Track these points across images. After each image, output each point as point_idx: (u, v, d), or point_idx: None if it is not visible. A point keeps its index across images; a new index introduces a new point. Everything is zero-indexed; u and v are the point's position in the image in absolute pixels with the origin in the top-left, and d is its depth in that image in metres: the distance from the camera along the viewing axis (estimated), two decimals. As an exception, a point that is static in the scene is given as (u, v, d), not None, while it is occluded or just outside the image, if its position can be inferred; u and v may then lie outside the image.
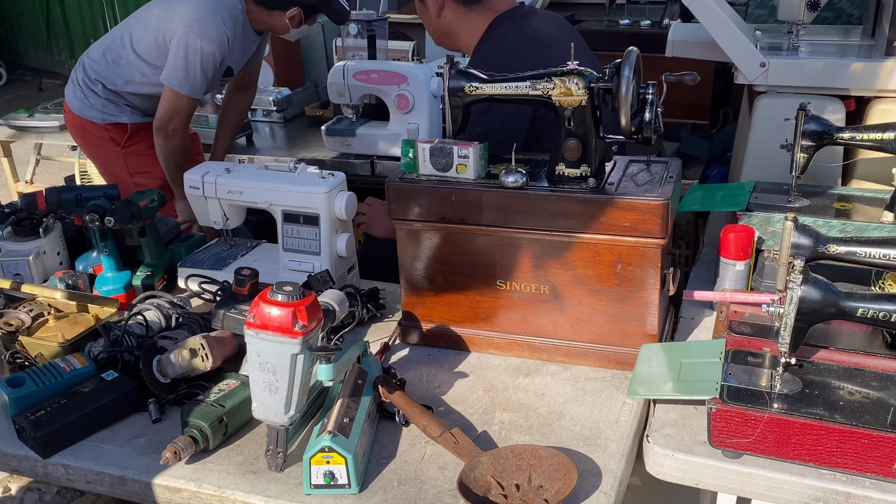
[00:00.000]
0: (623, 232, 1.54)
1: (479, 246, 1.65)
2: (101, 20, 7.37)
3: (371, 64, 2.96)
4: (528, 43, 2.04)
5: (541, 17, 2.16)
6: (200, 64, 2.52)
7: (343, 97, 2.96)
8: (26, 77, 7.98)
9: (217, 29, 2.52)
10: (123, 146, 2.74)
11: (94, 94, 2.71)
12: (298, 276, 1.90)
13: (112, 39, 2.71)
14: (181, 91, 2.53)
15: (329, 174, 1.90)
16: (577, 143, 1.57)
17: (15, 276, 1.97)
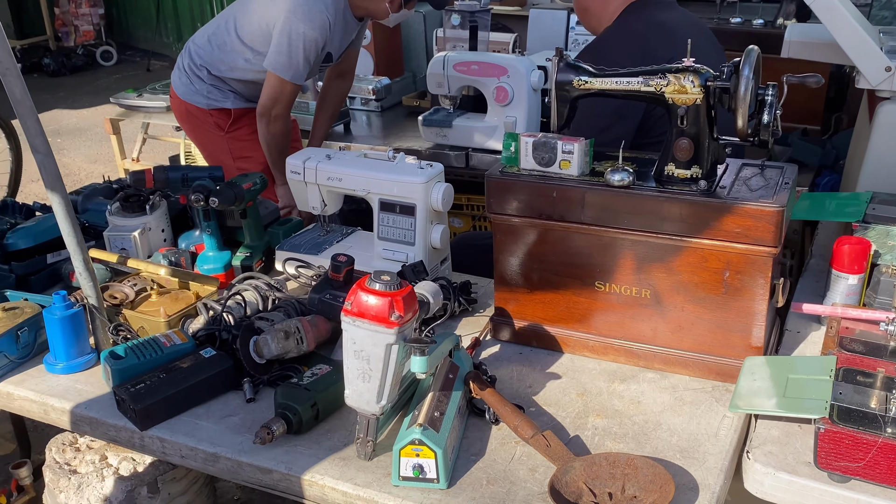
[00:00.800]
0: (733, 238, 1.47)
1: (579, 245, 1.61)
2: (209, 4, 7.58)
3: (471, 55, 2.94)
4: (657, 33, 1.99)
5: (676, 10, 2.11)
6: (303, 49, 2.54)
7: (442, 88, 2.95)
8: (135, 58, 8.27)
9: (319, 14, 2.53)
10: (227, 131, 2.79)
11: (199, 80, 2.77)
12: (392, 265, 1.90)
13: (217, 25, 2.76)
14: (284, 76, 2.56)
15: (427, 165, 1.89)
16: (689, 142, 1.51)
17: (121, 250, 2.03)
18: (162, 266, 1.84)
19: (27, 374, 1.67)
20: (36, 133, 1.51)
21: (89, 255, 1.64)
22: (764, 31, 3.09)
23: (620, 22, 2.06)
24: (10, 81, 1.45)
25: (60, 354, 1.66)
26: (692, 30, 2.10)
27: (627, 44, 1.96)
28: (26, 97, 1.48)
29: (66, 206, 1.57)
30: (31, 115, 1.49)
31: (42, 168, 1.54)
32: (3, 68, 1.44)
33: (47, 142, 1.53)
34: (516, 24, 3.68)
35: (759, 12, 3.22)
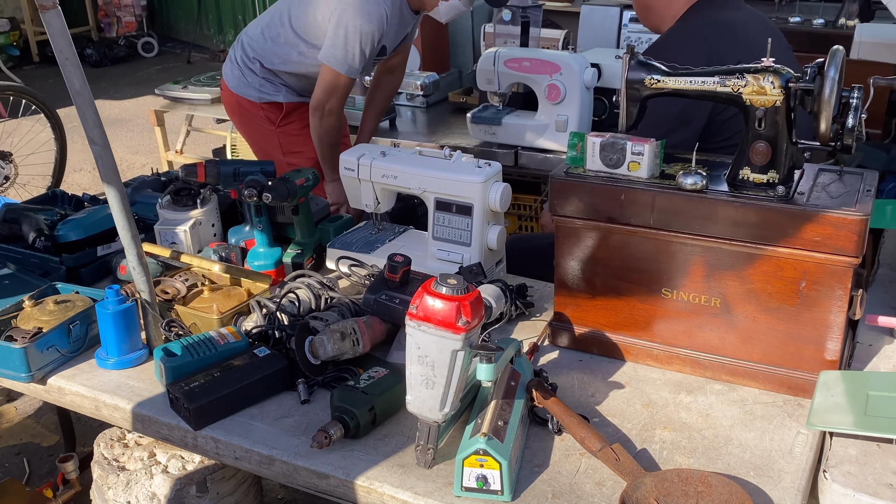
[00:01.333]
0: (812, 247, 1.41)
1: (647, 250, 1.55)
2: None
3: (523, 51, 2.89)
4: (722, 34, 1.92)
5: (742, 10, 2.03)
6: (359, 43, 2.49)
7: (491, 84, 2.90)
8: (176, 50, 8.31)
9: (377, 7, 2.49)
10: (278, 125, 2.76)
11: (251, 73, 2.74)
12: (447, 266, 1.86)
13: (271, 17, 2.72)
14: (339, 70, 2.52)
15: (486, 164, 1.84)
16: (767, 146, 1.45)
17: (171, 244, 2.01)
18: (215, 262, 1.81)
19: (78, 369, 1.65)
20: (94, 125, 1.48)
21: (143, 250, 1.62)
22: (824, 30, 3.00)
23: (685, 22, 1.99)
24: (69, 71, 1.43)
25: (112, 349, 1.64)
26: (759, 29, 2.03)
27: (692, 45, 1.89)
28: (85, 88, 1.45)
29: (122, 199, 1.55)
30: (89, 107, 1.47)
31: (99, 160, 1.51)
32: (63, 58, 1.42)
33: (105, 134, 1.50)
34: (565, 21, 3.62)
35: (820, 12, 3.13)
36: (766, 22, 2.10)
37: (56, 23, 1.38)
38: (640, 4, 2.15)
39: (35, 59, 8.08)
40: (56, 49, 1.40)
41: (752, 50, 1.91)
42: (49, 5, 1.36)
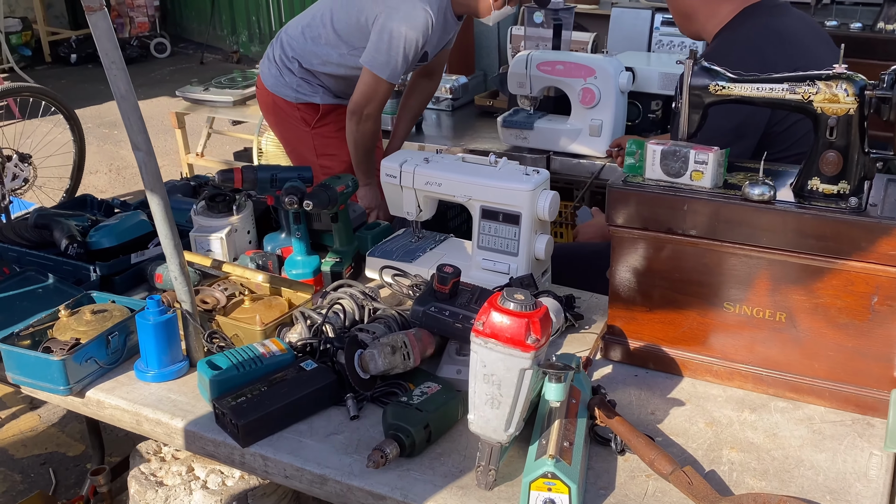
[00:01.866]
0: (886, 261, 1.35)
1: (709, 262, 1.49)
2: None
3: (557, 54, 2.83)
4: (775, 42, 1.85)
5: (792, 15, 1.96)
6: (403, 48, 2.44)
7: (523, 88, 2.85)
8: (188, 50, 8.26)
9: (423, 13, 2.43)
10: (313, 127, 2.71)
11: (289, 73, 2.69)
12: (493, 276, 1.81)
13: (312, 16, 2.66)
14: (381, 75, 2.47)
15: (534, 171, 1.79)
16: (838, 156, 1.39)
17: (207, 251, 1.96)
18: (258, 272, 1.76)
19: (117, 382, 1.60)
20: (139, 130, 1.43)
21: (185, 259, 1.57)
22: (863, 34, 2.93)
23: (735, 30, 1.90)
24: (115, 75, 1.38)
25: (153, 361, 1.59)
26: (810, 34, 1.97)
27: (746, 54, 1.81)
28: (131, 93, 1.40)
29: (165, 207, 1.50)
30: (134, 112, 1.42)
31: (143, 166, 1.46)
32: (108, 61, 1.37)
33: (149, 140, 1.45)
34: (592, 24, 3.56)
35: (858, 15, 3.07)
36: (816, 26, 2.03)
37: (102, 25, 1.33)
38: (681, 12, 2.06)
39: (47, 59, 8.05)
40: (102, 52, 1.35)
41: (806, 56, 1.86)
42: (96, 7, 1.31)
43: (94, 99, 6.60)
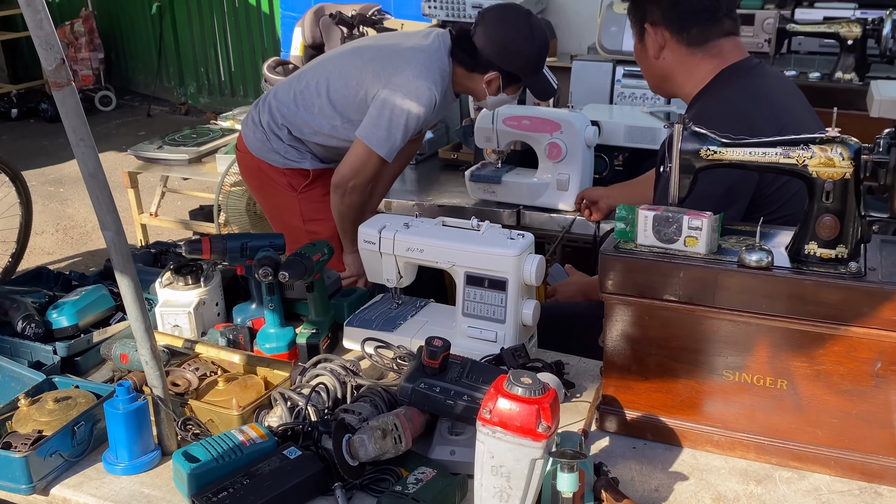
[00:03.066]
0: (890, 326, 1.33)
1: (707, 330, 1.45)
2: (213, 49, 7.44)
3: (522, 109, 2.81)
4: (758, 104, 1.83)
5: (770, 75, 1.95)
6: (404, 127, 2.38)
7: (490, 142, 2.82)
8: (134, 103, 8.11)
9: (428, 93, 2.38)
10: (300, 192, 2.61)
11: (277, 139, 2.59)
12: (480, 344, 1.74)
13: (306, 84, 2.56)
14: (379, 151, 2.39)
15: (518, 235, 1.74)
16: (835, 220, 1.37)
17: (174, 327, 1.86)
18: (234, 352, 1.67)
19: (84, 476, 1.49)
20: (107, 210, 1.35)
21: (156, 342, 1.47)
22: (822, 84, 2.98)
23: (717, 93, 1.88)
24: (84, 153, 1.29)
25: (123, 452, 1.48)
26: (788, 94, 1.97)
27: (731, 118, 1.75)
28: (100, 171, 1.32)
29: (136, 289, 1.41)
30: (103, 191, 1.33)
31: (112, 247, 1.37)
32: (76, 138, 1.28)
33: (119, 219, 1.36)
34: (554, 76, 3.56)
35: (816, 65, 3.13)
36: (792, 85, 2.03)
37: (71, 101, 1.25)
38: (656, 73, 2.01)
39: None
40: (69, 128, 1.27)
41: (789, 117, 1.85)
42: (63, 82, 1.23)
43: (37, 155, 6.41)
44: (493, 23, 2.47)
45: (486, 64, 2.46)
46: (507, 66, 2.47)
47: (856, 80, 2.94)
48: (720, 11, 1.89)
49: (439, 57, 2.48)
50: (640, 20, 1.97)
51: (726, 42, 1.91)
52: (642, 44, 1.98)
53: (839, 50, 2.99)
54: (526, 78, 2.52)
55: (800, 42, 3.27)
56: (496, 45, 2.44)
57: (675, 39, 1.91)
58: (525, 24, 2.45)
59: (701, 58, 1.90)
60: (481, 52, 2.45)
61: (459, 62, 2.49)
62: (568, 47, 4.08)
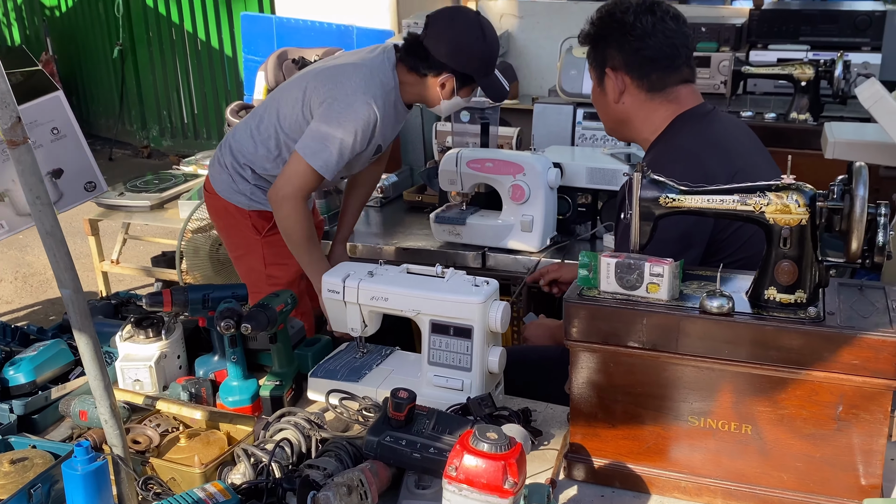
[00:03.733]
0: (849, 370, 1.34)
1: (671, 376, 1.46)
2: (176, 92, 7.43)
3: (485, 152, 2.83)
4: (712, 150, 1.86)
5: (724, 121, 1.99)
6: (339, 141, 2.35)
7: (454, 185, 2.83)
8: (96, 146, 8.02)
9: (365, 108, 2.36)
10: (264, 234, 2.59)
11: (242, 180, 2.57)
12: (446, 392, 1.73)
13: (259, 118, 2.55)
14: (311, 163, 2.35)
15: (484, 282, 1.74)
16: (793, 265, 1.39)
17: (135, 381, 1.83)
18: (196, 408, 1.64)
19: (40, 541, 1.44)
20: (65, 267, 1.32)
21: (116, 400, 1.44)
22: (777, 125, 3.06)
23: (672, 139, 1.91)
24: (40, 211, 1.27)
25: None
26: (743, 139, 2.01)
27: (685, 164, 1.80)
28: (57, 229, 1.30)
29: (95, 347, 1.38)
30: (60, 248, 1.31)
31: (70, 305, 1.35)
32: (33, 196, 1.26)
33: (77, 277, 1.34)
34: (516, 118, 3.61)
35: (771, 105, 3.20)
36: (746, 128, 2.07)
37: (27, 159, 1.23)
38: (614, 118, 2.04)
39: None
40: (26, 187, 1.25)
41: (743, 161, 1.89)
42: (19, 140, 1.22)
43: (-4, 200, 6.29)
44: (444, 25, 2.44)
45: (438, 66, 2.43)
46: (461, 66, 2.44)
47: (810, 120, 3.02)
48: (679, 59, 1.93)
49: (382, 71, 2.45)
50: (600, 65, 1.99)
51: (683, 88, 1.95)
52: (601, 88, 2.00)
53: (793, 91, 3.07)
54: (479, 79, 2.49)
55: (755, 83, 3.36)
56: (449, 46, 2.41)
57: (635, 85, 1.94)
58: (476, 25, 2.43)
59: (659, 103, 1.93)
60: (434, 54, 2.42)
61: (411, 68, 2.46)
62: (529, 90, 4.14)
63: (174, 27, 7.21)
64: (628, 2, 1.93)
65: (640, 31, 1.89)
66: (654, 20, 1.89)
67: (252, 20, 4.77)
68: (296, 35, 4.39)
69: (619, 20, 1.92)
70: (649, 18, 1.89)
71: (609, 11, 1.95)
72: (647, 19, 1.89)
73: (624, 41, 1.92)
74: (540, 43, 4.23)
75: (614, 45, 1.94)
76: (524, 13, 4.29)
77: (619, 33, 1.92)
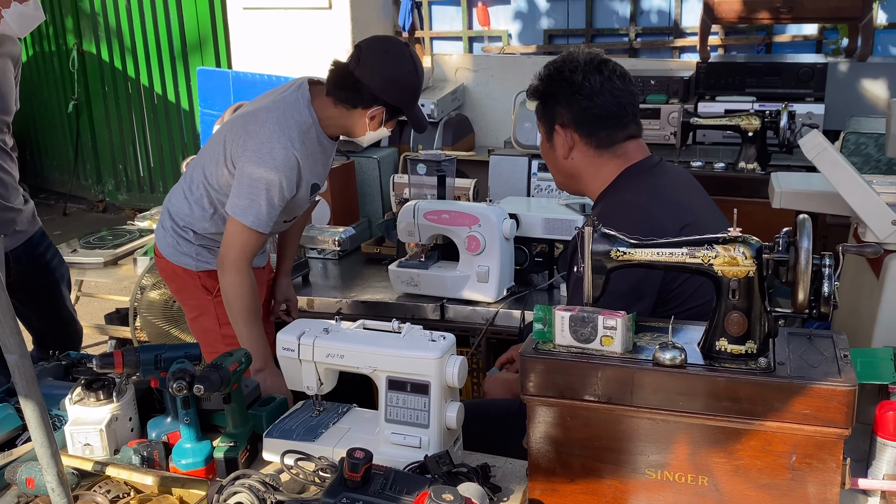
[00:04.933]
0: (801, 420, 1.36)
1: (627, 429, 1.47)
2: (132, 146, 7.36)
3: (442, 204, 2.85)
4: (660, 203, 1.90)
5: (671, 173, 2.03)
6: (266, 192, 2.31)
7: (412, 236, 2.84)
8: (49, 201, 7.92)
9: (283, 153, 2.31)
10: (215, 295, 2.54)
11: (186, 242, 2.54)
12: (404, 450, 1.71)
13: (190, 179, 2.53)
14: (244, 222, 2.32)
15: (440, 336, 1.74)
16: (742, 316, 1.41)
17: (85, 445, 1.78)
18: (147, 473, 1.60)
19: None
20: (10, 332, 1.29)
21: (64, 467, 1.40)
22: (726, 174, 3.13)
23: (621, 192, 1.95)
24: (-16, 276, 1.25)
25: (24, 591, 1.38)
26: (689, 191, 2.05)
27: (634, 217, 1.84)
28: (3, 293, 1.27)
29: (42, 413, 1.35)
30: (6, 314, 1.28)
31: (16, 371, 1.32)
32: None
33: (23, 342, 1.31)
34: (472, 170, 3.65)
35: (720, 155, 3.28)
36: (692, 179, 2.12)
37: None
38: (564, 172, 2.07)
39: None
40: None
41: (690, 213, 1.93)
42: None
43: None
44: (378, 57, 2.39)
45: (371, 99, 2.38)
46: (393, 99, 2.39)
47: (758, 169, 3.10)
48: (626, 117, 1.97)
49: (296, 110, 2.39)
50: (549, 121, 2.03)
51: (631, 143, 1.99)
52: (550, 143, 2.04)
53: (741, 141, 3.16)
54: (407, 111, 2.45)
55: (704, 134, 3.44)
56: (383, 79, 2.37)
57: (583, 142, 1.98)
58: (409, 58, 2.41)
59: (607, 159, 1.97)
60: (367, 86, 2.36)
61: (340, 101, 2.41)
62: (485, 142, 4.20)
63: (130, 81, 7.19)
64: (577, 60, 1.96)
65: (589, 90, 1.93)
66: (601, 79, 1.93)
67: (208, 74, 4.79)
68: (252, 89, 4.41)
69: (567, 79, 1.96)
70: (597, 78, 1.93)
71: (558, 69, 1.99)
72: (595, 78, 1.93)
73: (572, 99, 1.95)
74: (494, 96, 4.31)
75: (563, 103, 1.97)
76: (478, 66, 4.37)
77: (568, 91, 1.96)
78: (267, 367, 2.37)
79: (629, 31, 4.78)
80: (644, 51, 4.82)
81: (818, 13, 3.74)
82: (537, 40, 5.03)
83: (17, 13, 2.59)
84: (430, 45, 5.22)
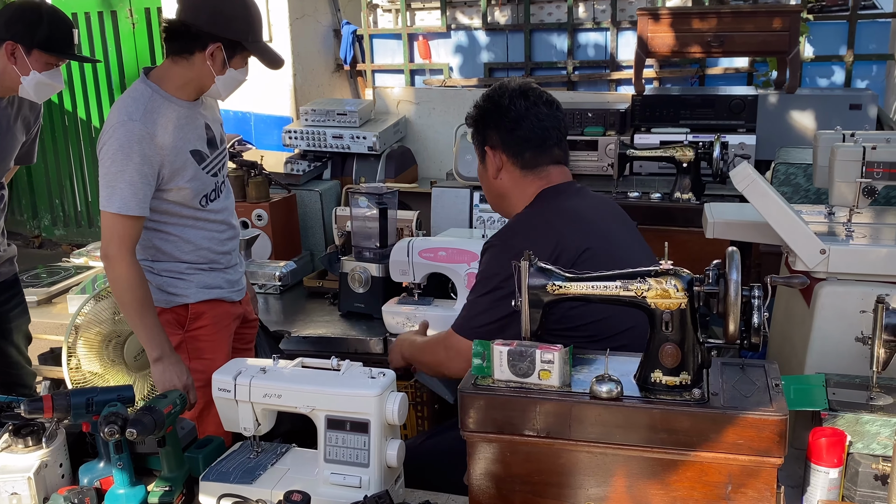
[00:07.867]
0: (735, 450, 1.38)
1: (567, 463, 1.47)
2: (69, 181, 7.20)
3: (438, 241, 2.80)
4: (568, 221, 1.98)
5: (588, 197, 2.11)
6: (120, 174, 2.25)
7: (406, 275, 2.79)
8: (-18, 236, 7.71)
9: (121, 128, 2.25)
10: (187, 330, 2.47)
11: (151, 274, 2.43)
12: (344, 490, 1.68)
13: None
14: (110, 209, 2.26)
15: (380, 373, 1.72)
16: (675, 348, 1.43)
17: (12, 495, 1.71)
18: (76, 523, 1.54)
19: None
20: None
21: (-15, 520, 1.34)
22: (662, 204, 3.19)
23: (533, 209, 2.05)
24: None
25: None
26: (605, 215, 2.11)
27: (540, 232, 1.95)
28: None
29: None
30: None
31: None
32: None
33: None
34: (415, 202, 3.66)
35: (656, 186, 3.35)
36: (615, 207, 2.19)
37: None
38: (495, 192, 2.17)
39: None
40: None
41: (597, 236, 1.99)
42: None
43: None
44: None
45: (203, 37, 2.29)
46: (225, 31, 2.29)
47: (693, 199, 3.16)
48: (550, 141, 2.08)
49: (131, 90, 2.35)
50: (481, 144, 2.15)
51: (554, 168, 2.10)
52: (483, 165, 2.16)
53: (676, 172, 3.22)
54: (248, 44, 2.35)
55: (640, 165, 3.51)
56: (206, 12, 2.27)
57: (510, 162, 2.09)
58: None
59: (531, 180, 2.07)
60: (193, 25, 2.28)
61: (177, 53, 2.33)
62: (427, 173, 4.22)
63: (66, 114, 7.05)
64: (506, 87, 2.11)
65: (515, 114, 2.06)
66: (527, 104, 2.06)
67: (147, 108, 4.72)
68: (191, 122, 4.36)
69: (496, 104, 2.10)
70: (523, 103, 2.07)
71: (489, 96, 2.13)
72: (520, 103, 2.06)
73: (501, 123, 2.08)
74: (436, 128, 4.34)
75: (492, 127, 2.10)
76: (420, 99, 4.40)
77: (497, 116, 2.09)
78: (164, 356, 2.33)
79: (567, 65, 4.87)
80: (582, 83, 4.91)
81: (748, 47, 3.86)
82: (478, 73, 5.09)
83: (35, 81, 2.64)
84: (371, 78, 5.25)
